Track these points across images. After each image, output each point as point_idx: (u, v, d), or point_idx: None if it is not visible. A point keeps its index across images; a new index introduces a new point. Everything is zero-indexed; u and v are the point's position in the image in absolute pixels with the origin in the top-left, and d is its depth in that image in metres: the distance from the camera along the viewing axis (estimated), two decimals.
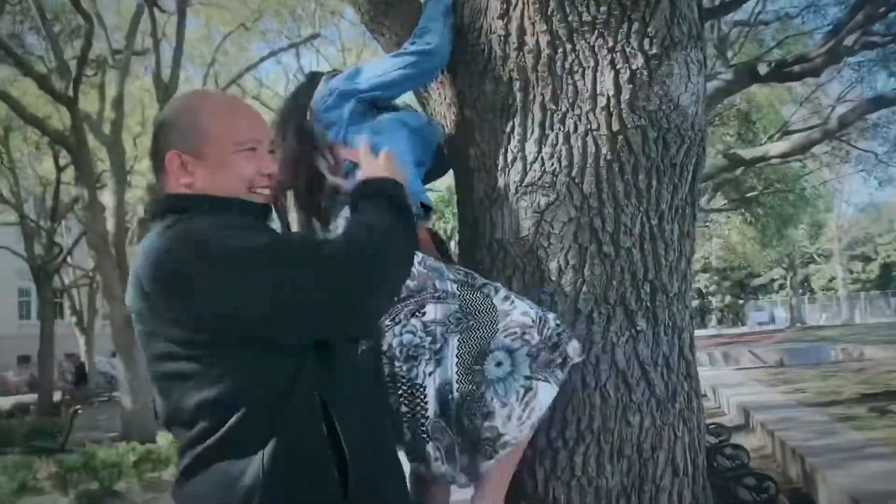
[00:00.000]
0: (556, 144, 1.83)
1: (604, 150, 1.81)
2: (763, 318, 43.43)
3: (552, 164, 1.83)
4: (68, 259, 23.92)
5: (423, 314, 1.67)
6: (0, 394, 26.68)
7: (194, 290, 1.30)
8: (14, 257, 24.36)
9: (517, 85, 1.87)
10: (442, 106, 2.08)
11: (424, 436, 1.67)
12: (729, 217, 21.46)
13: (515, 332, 1.66)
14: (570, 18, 1.81)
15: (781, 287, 49.55)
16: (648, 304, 1.84)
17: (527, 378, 1.65)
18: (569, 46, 1.82)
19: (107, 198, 13.74)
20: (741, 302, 54.74)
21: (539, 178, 1.84)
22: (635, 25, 1.80)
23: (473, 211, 1.96)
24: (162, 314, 1.34)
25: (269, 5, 17.97)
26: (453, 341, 1.65)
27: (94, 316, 25.72)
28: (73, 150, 12.87)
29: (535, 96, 1.85)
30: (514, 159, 1.88)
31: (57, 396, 20.73)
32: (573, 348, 1.69)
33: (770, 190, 17.07)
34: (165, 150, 1.46)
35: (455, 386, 1.63)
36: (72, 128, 12.88)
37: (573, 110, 1.83)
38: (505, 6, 1.86)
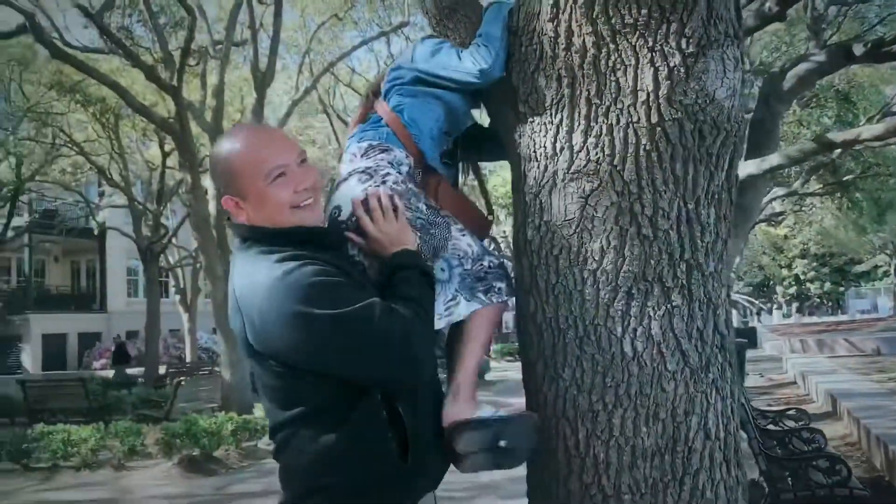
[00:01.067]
0: (600, 135, 2.02)
1: (643, 141, 1.99)
2: (864, 306, 41.78)
3: (596, 154, 2.02)
4: (173, 240, 25.14)
5: None
6: (111, 366, 28.30)
7: (285, 336, 1.66)
8: (123, 238, 25.82)
9: (565, 81, 2.06)
10: (499, 100, 2.28)
11: None
12: (823, 201, 20.80)
13: (458, 255, 2.08)
14: (613, 21, 1.98)
15: (886, 274, 47.47)
16: (684, 281, 2.01)
17: (455, 291, 2.05)
18: (612, 46, 2.00)
19: (209, 181, 14.45)
20: (842, 289, 52.77)
21: (584, 166, 2.03)
22: (673, 27, 1.96)
23: (525, 195, 2.17)
24: (259, 338, 1.71)
25: None
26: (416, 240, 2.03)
27: (197, 294, 26.94)
28: (178, 136, 13.60)
29: (581, 92, 2.04)
30: (562, 149, 2.07)
31: (162, 369, 21.88)
32: (502, 286, 2.10)
33: (869, 174, 16.49)
34: (221, 193, 1.80)
35: None
36: (176, 115, 13.61)
37: (616, 104, 2.01)
38: (555, 10, 2.05)
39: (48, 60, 16.36)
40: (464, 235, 2.12)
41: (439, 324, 2.03)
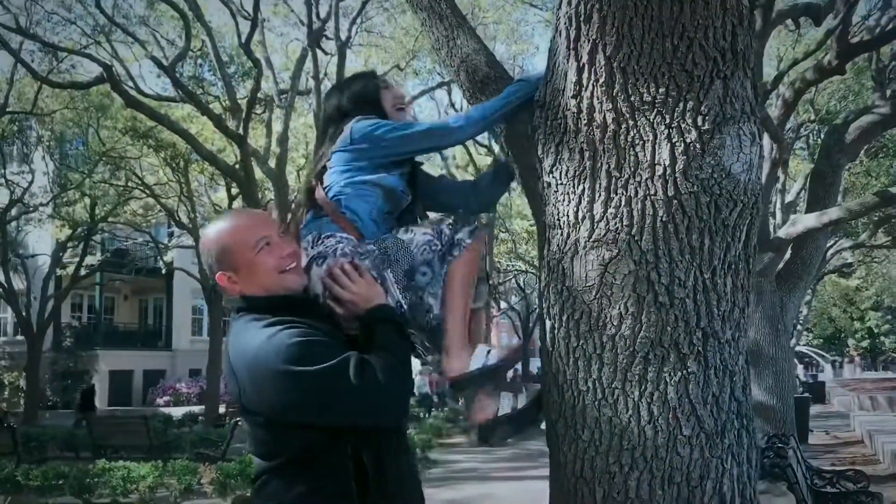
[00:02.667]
0: (619, 206, 2.11)
1: (660, 213, 2.07)
2: None
3: (615, 224, 2.11)
4: None
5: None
6: (173, 404, 28.91)
7: (270, 392, 1.89)
8: (189, 278, 26.50)
9: (587, 155, 2.16)
10: (528, 171, 2.40)
11: None
12: (891, 253, 20.26)
13: (425, 249, 2.26)
14: (632, 98, 2.09)
15: None
16: (700, 348, 2.07)
17: (442, 272, 2.27)
18: (631, 122, 2.10)
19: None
20: None
21: (604, 236, 2.12)
22: (690, 104, 2.06)
23: (549, 261, 2.26)
24: (248, 395, 1.94)
25: (423, 45, 18.87)
26: (388, 274, 2.22)
27: None
28: (242, 182, 14.06)
29: (602, 165, 2.14)
30: (584, 218, 2.17)
31: (222, 409, 22.25)
32: (464, 233, 2.31)
33: None
34: (214, 273, 2.02)
35: (403, 303, 2.23)
36: (241, 162, 14.08)
37: (634, 178, 2.10)
38: (577, 87, 2.17)
39: (123, 107, 17.12)
40: (410, 233, 2.30)
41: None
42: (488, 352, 2.36)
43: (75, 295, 31.67)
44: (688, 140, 2.06)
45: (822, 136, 14.13)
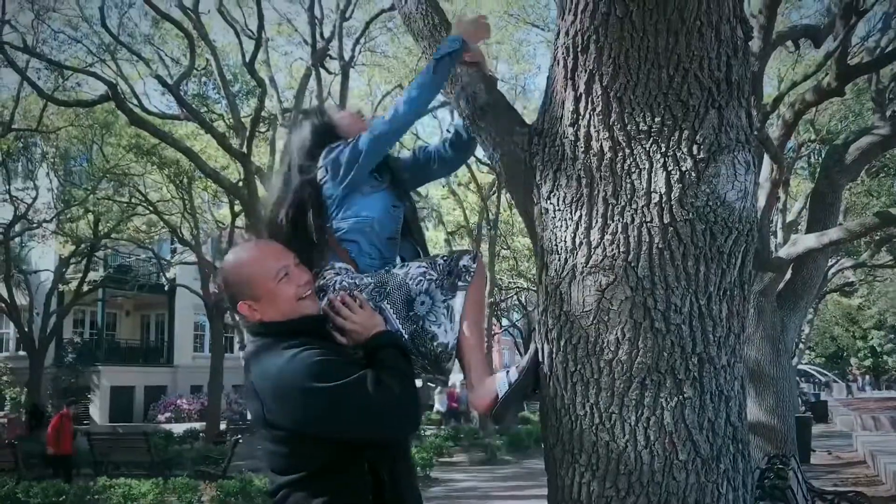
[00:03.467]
0: (616, 233, 2.14)
1: (656, 240, 2.11)
2: None
3: (612, 250, 2.14)
4: None
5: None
6: (174, 420, 28.84)
7: (295, 408, 2.01)
8: (191, 295, 26.52)
9: (584, 182, 2.20)
10: (525, 197, 2.43)
11: None
12: (891, 272, 20.26)
13: (420, 280, 2.33)
14: (628, 127, 2.13)
15: None
16: (696, 374, 2.10)
17: (443, 301, 2.31)
18: (627, 151, 2.14)
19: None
20: None
21: (601, 262, 2.16)
22: (685, 134, 2.09)
23: (547, 285, 2.30)
24: (272, 412, 2.05)
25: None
26: (386, 305, 2.31)
27: None
28: (245, 200, 14.11)
29: (598, 192, 2.18)
30: (581, 244, 2.20)
31: (223, 425, 22.21)
32: (466, 260, 2.36)
33: None
34: (235, 302, 2.11)
35: (403, 332, 2.30)
36: (244, 180, 14.14)
37: (630, 205, 2.14)
38: (575, 116, 2.21)
39: (128, 125, 17.23)
40: (405, 267, 2.39)
41: (452, 336, 2.30)
42: (507, 372, 2.39)
43: (77, 311, 31.63)
44: (683, 168, 2.10)
45: (823, 155, 14.18)
